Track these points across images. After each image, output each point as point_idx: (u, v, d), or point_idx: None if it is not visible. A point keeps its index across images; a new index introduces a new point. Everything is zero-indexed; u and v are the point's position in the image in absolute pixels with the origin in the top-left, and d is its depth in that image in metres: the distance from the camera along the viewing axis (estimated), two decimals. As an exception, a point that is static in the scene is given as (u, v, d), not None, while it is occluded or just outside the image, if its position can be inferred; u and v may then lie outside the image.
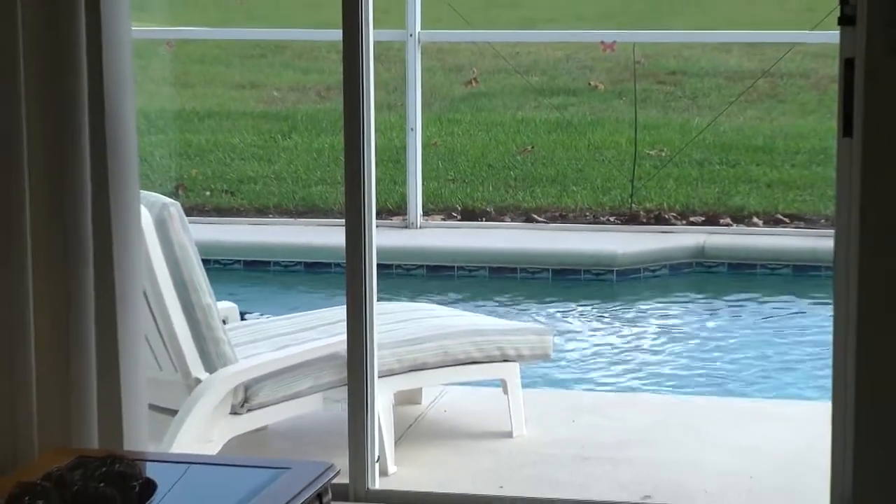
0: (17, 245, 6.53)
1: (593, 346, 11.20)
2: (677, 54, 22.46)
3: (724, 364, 10.48)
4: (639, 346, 11.18)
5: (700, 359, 10.71)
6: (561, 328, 11.23)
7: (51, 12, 6.39)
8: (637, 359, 10.84)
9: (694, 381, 10.13)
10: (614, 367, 10.68)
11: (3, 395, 6.62)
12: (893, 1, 5.81)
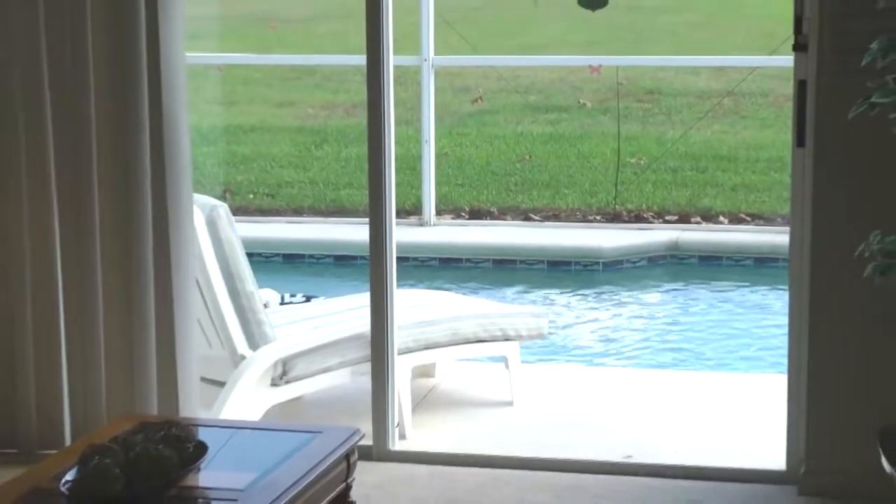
0: (87, 243, 6.57)
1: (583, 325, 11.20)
2: (654, 76, 22.42)
3: (695, 342, 10.46)
4: (622, 326, 11.18)
5: (674, 337, 10.70)
6: (555, 311, 11.23)
7: (117, 41, 6.43)
8: (620, 335, 10.84)
9: (669, 355, 10.12)
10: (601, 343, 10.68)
11: (76, 373, 6.67)
12: (839, 31, 5.83)
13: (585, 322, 11.33)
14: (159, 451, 4.52)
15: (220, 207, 7.30)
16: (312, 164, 18.13)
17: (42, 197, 6.55)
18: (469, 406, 7.65)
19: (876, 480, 5.00)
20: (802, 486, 6.17)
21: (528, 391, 7.81)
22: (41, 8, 6.44)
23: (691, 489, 6.27)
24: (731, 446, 6.75)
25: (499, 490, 6.29)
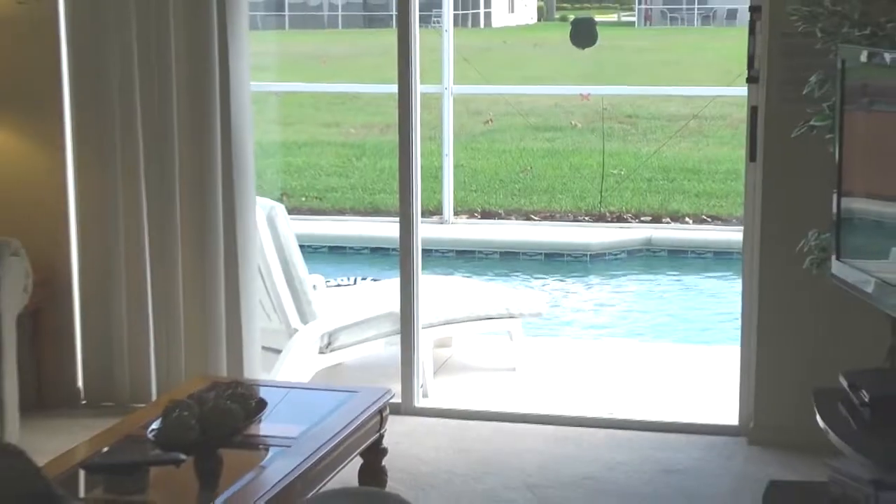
0: (170, 235, 6.57)
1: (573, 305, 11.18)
2: (632, 103, 22.48)
3: (665, 319, 10.45)
4: (605, 305, 11.16)
5: (648, 315, 10.68)
6: (551, 294, 11.21)
7: (195, 71, 6.41)
8: (604, 314, 10.82)
9: (644, 330, 10.10)
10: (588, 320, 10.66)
11: (161, 341, 6.67)
12: (784, 67, 5.80)
13: (575, 303, 11.31)
14: (228, 406, 4.51)
15: (278, 207, 7.29)
16: (353, 173, 18.17)
17: (134, 196, 6.54)
18: (479, 371, 7.64)
19: (811, 433, 4.97)
20: (751, 437, 6.16)
21: (528, 359, 7.78)
22: (134, 44, 6.44)
23: (660, 440, 6.25)
24: (692, 405, 6.73)
25: (502, 438, 6.28)
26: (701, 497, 5.53)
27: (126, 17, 6.44)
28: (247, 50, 6.52)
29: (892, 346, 5.42)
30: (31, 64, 6.62)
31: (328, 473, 4.77)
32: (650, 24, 34.20)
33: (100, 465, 4.45)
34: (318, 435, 4.83)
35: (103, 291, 6.69)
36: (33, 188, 6.70)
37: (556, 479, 5.75)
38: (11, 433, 5.85)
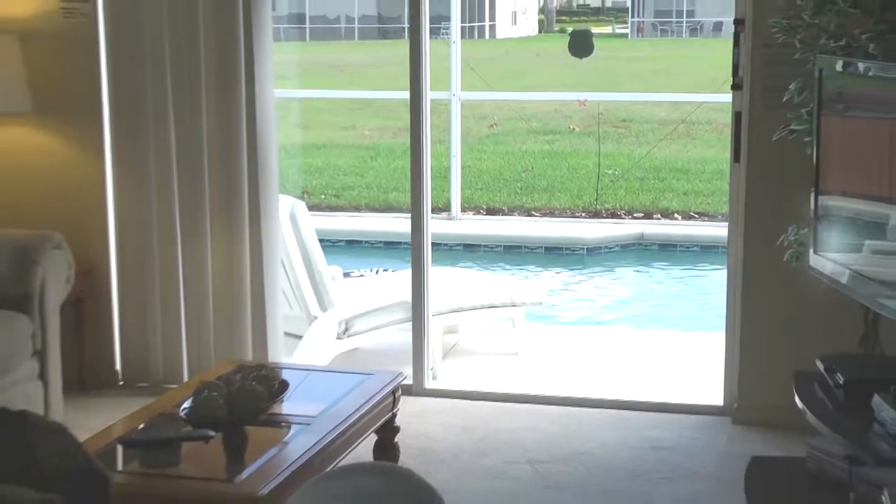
0: (200, 230, 6.57)
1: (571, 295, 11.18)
2: (626, 108, 22.46)
3: (655, 307, 10.45)
4: (600, 295, 11.16)
5: (640, 303, 10.68)
6: (550, 285, 11.21)
7: (224, 80, 6.41)
8: (599, 302, 10.82)
9: (636, 317, 10.10)
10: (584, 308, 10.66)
11: (192, 327, 6.67)
12: (766, 76, 5.80)
13: (573, 293, 11.30)
14: (253, 387, 4.52)
15: (299, 205, 7.30)
16: (368, 173, 18.17)
17: (167, 194, 6.55)
18: (484, 355, 7.64)
19: (791, 413, 4.97)
20: (735, 417, 6.16)
21: (529, 344, 7.78)
22: (167, 54, 6.45)
23: (650, 419, 6.26)
24: (680, 387, 6.73)
25: (505, 418, 6.28)
26: (687, 472, 5.54)
27: (160, 31, 6.45)
28: (270, 60, 6.53)
29: (864, 333, 5.43)
30: (73, 74, 6.63)
31: (345, 449, 4.78)
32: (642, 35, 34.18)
33: (136, 440, 4.46)
34: (336, 414, 4.84)
35: (139, 282, 6.70)
36: (74, 187, 6.71)
37: (553, 454, 5.76)
38: (56, 412, 5.87)
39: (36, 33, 6.58)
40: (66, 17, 6.57)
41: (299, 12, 29.78)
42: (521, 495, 5.29)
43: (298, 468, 4.27)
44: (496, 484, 5.41)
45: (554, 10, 37.36)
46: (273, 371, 4.82)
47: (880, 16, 5.06)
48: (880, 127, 4.75)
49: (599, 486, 5.38)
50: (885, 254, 4.66)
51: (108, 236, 6.73)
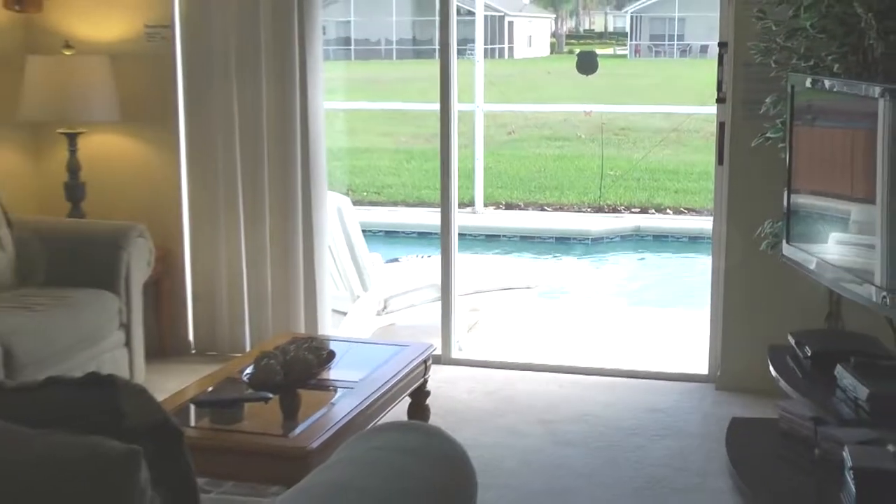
0: (260, 219, 6.58)
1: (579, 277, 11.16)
2: (625, 118, 22.45)
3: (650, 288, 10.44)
4: (602, 278, 11.14)
5: (636, 285, 10.67)
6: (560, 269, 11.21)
7: (281, 93, 6.40)
8: (602, 283, 10.81)
9: (633, 297, 10.08)
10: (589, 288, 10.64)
11: (253, 305, 6.68)
12: (745, 91, 5.78)
13: (579, 276, 11.29)
14: (305, 356, 4.52)
15: (345, 200, 7.32)
16: (404, 173, 18.23)
17: (232, 191, 6.56)
18: (503, 330, 7.63)
19: (766, 380, 4.97)
20: (718, 384, 6.14)
21: (541, 320, 7.79)
22: (233, 71, 6.46)
23: (645, 385, 6.25)
24: (671, 357, 6.72)
25: (521, 383, 6.28)
26: (677, 430, 5.53)
27: (227, 51, 6.46)
28: (321, 76, 6.53)
29: (829, 311, 5.43)
30: (154, 88, 6.65)
31: (383, 410, 4.79)
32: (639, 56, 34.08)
33: (206, 401, 4.48)
34: (376, 379, 4.85)
35: (208, 265, 6.72)
36: (154, 184, 6.73)
37: (562, 415, 5.76)
38: (138, 376, 5.90)
39: (123, 54, 6.60)
40: (149, 39, 6.60)
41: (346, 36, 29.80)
42: (535, 450, 5.29)
43: (343, 425, 4.28)
44: (513, 440, 5.41)
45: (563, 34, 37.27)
46: (322, 342, 4.85)
47: (843, 41, 5.04)
48: (843, 135, 4.74)
49: (602, 442, 5.38)
50: (847, 244, 4.65)
51: (182, 226, 6.74)
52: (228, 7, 6.44)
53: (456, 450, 2.89)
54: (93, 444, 2.01)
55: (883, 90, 4.29)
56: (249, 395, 4.43)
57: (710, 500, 4.71)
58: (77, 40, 6.59)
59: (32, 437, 2.05)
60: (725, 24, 5.88)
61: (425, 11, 29.04)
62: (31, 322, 5.19)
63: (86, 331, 5.49)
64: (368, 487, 2.51)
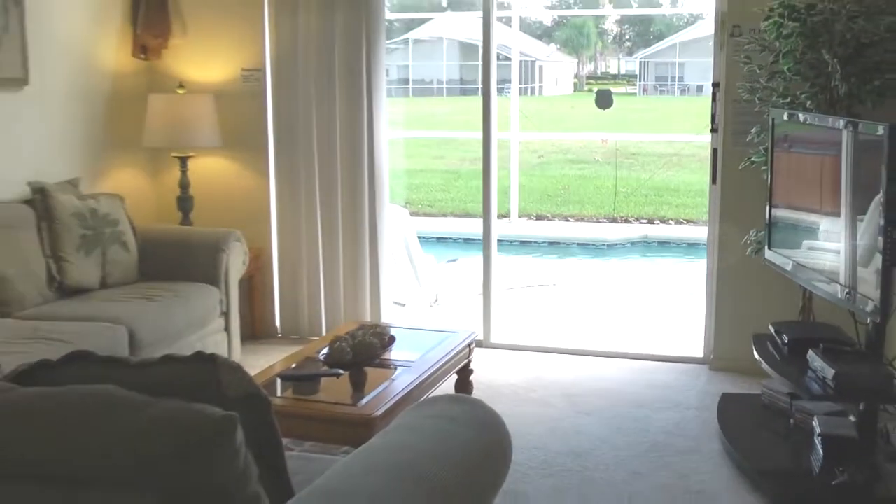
0: (334, 229, 6.60)
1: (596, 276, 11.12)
2: (635, 145, 22.37)
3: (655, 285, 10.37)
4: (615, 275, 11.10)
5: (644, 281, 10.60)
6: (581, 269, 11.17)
7: (353, 123, 6.42)
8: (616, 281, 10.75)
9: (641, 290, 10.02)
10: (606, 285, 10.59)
11: (328, 297, 6.69)
12: (735, 122, 5.75)
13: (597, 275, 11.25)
14: (370, 340, 4.54)
15: (403, 211, 7.35)
16: (452, 189, 18.22)
17: (311, 204, 6.60)
18: (533, 319, 7.63)
19: (751, 363, 4.95)
20: (711, 365, 6.11)
21: (565, 311, 7.78)
22: (313, 106, 6.49)
23: (650, 365, 6.23)
24: (672, 342, 6.69)
25: (547, 363, 6.28)
26: (676, 403, 5.51)
27: (308, 89, 6.50)
28: (385, 109, 6.56)
29: (802, 305, 5.39)
30: (250, 119, 6.69)
31: (434, 385, 4.80)
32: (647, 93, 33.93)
33: (289, 375, 4.51)
34: (428, 360, 4.86)
35: (292, 264, 6.75)
36: (248, 197, 6.77)
37: (583, 390, 5.75)
38: (235, 355, 5.94)
39: (224, 92, 6.65)
40: (245, 80, 6.64)
41: (405, 77, 29.85)
42: (560, 418, 5.29)
43: (401, 397, 4.30)
44: (541, 410, 5.41)
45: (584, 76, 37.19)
46: (384, 328, 4.86)
47: (814, 82, 5.04)
48: (814, 159, 4.73)
49: (614, 412, 5.37)
50: (817, 250, 4.63)
51: (271, 232, 6.78)
52: (309, 54, 6.48)
53: (494, 418, 2.90)
54: (198, 409, 2.04)
55: (846, 122, 4.29)
56: (325, 371, 4.45)
57: (704, 460, 4.69)
58: (188, 82, 6.66)
59: (151, 403, 2.08)
60: (718, 68, 5.85)
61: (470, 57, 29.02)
62: (151, 310, 5.24)
63: (193, 318, 5.53)
64: (421, 447, 2.52)
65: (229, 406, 2.10)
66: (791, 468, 4.40)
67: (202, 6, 6.63)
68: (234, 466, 2.04)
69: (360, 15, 6.36)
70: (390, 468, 2.35)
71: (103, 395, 2.10)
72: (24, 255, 5.30)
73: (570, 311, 7.98)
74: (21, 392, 2.18)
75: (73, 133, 6.20)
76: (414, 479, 2.33)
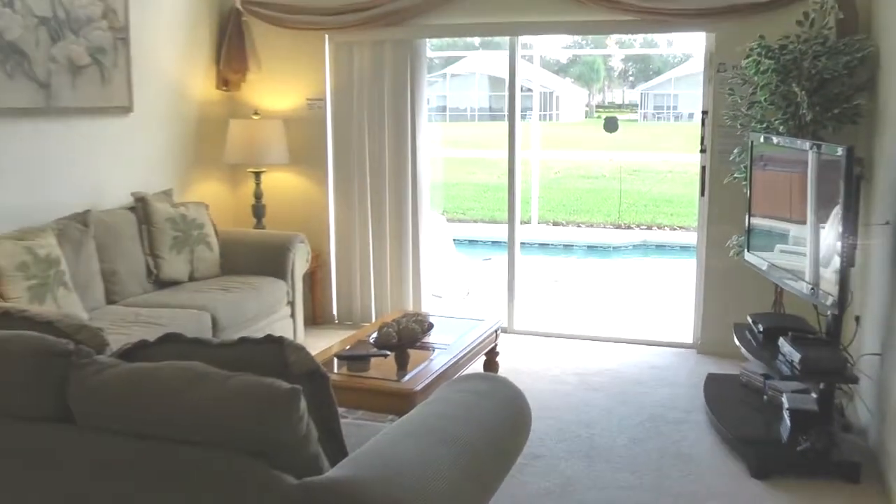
0: (382, 232, 6.57)
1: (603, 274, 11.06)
2: (637, 162, 22.19)
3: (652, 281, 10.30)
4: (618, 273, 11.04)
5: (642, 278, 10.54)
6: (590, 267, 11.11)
7: (398, 145, 6.41)
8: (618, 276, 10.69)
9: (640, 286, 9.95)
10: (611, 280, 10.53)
11: (377, 289, 6.65)
12: (720, 144, 5.72)
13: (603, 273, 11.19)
14: (412, 326, 4.55)
15: (441, 218, 7.33)
16: (482, 200, 18.15)
17: (364, 211, 6.59)
18: (550, 308, 7.60)
19: (732, 348, 4.94)
20: (699, 349, 6.07)
21: (576, 303, 7.75)
22: (366, 128, 6.51)
23: (648, 349, 6.19)
24: (666, 330, 6.66)
25: (562, 347, 6.26)
26: (669, 382, 5.48)
27: (361, 115, 6.51)
28: (425, 132, 6.54)
29: (774, 300, 5.36)
30: (313, 140, 6.70)
31: (466, 364, 4.79)
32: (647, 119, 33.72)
33: (344, 356, 4.52)
34: (462, 343, 4.85)
35: (347, 261, 6.76)
36: (311, 206, 6.79)
37: (591, 369, 5.73)
38: (299, 338, 5.96)
39: (292, 118, 6.68)
40: (310, 108, 6.67)
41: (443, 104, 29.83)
42: (572, 394, 5.28)
43: (439, 374, 4.30)
44: (557, 387, 5.40)
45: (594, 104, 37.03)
46: (424, 316, 4.86)
47: (785, 110, 5.02)
48: (785, 176, 4.70)
49: (617, 388, 5.35)
50: (787, 252, 4.61)
51: (329, 235, 6.78)
52: (363, 87, 6.50)
53: (516, 392, 2.91)
54: (269, 382, 2.07)
55: (811, 145, 4.28)
56: (374, 352, 4.46)
57: (693, 429, 4.67)
58: (262, 109, 6.70)
59: (230, 377, 2.11)
60: (706, 98, 5.82)
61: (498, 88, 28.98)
62: (230, 299, 5.28)
63: (264, 306, 5.56)
64: (455, 416, 2.54)
65: (294, 380, 2.13)
66: (764, 436, 4.38)
67: (274, 47, 6.67)
68: (298, 430, 2.07)
69: (406, 54, 6.38)
70: (428, 433, 2.37)
71: (191, 370, 2.14)
72: (129, 253, 5.36)
73: (581, 304, 7.95)
74: (125, 366, 2.22)
75: (167, 152, 6.26)
76: (448, 442, 2.34)
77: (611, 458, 4.32)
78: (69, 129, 5.32)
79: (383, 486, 2.03)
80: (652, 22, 5.78)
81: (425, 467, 2.16)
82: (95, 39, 5.43)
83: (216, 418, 2.03)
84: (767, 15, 5.52)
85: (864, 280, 4.68)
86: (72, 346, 2.28)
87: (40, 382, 2.24)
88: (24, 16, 4.89)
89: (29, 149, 5.05)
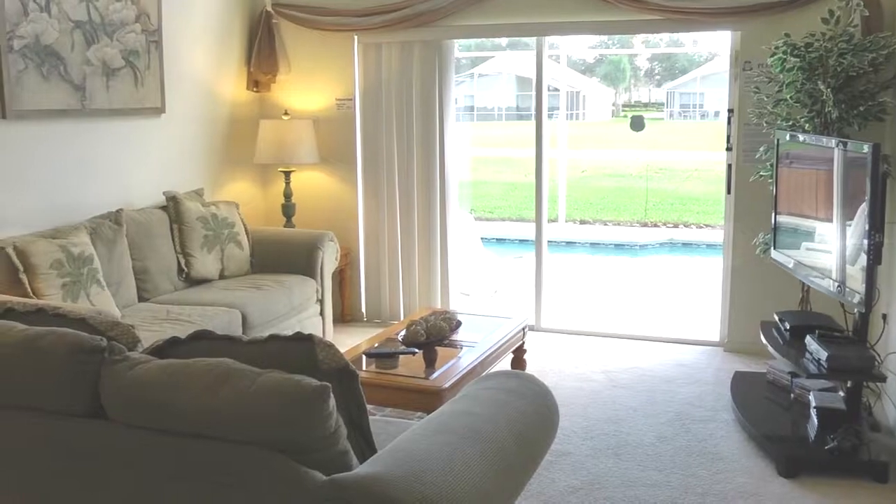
0: (411, 231, 6.57)
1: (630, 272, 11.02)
2: (664, 161, 22.10)
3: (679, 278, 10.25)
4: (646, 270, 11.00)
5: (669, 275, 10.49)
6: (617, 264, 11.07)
7: (427, 144, 6.41)
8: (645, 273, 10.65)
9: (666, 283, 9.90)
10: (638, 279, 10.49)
11: (406, 287, 6.67)
12: (746, 143, 5.68)
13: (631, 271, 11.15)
14: (440, 323, 4.55)
15: (469, 216, 7.33)
16: (510, 198, 18.12)
17: (392, 209, 6.61)
18: (576, 307, 7.58)
19: (758, 346, 4.90)
20: (726, 347, 6.04)
21: (604, 301, 7.72)
22: (394, 129, 6.51)
23: (675, 347, 6.17)
24: (693, 328, 6.62)
25: (589, 344, 6.24)
26: (696, 379, 5.45)
27: (390, 115, 6.53)
28: (453, 132, 6.55)
29: (801, 297, 5.32)
30: (342, 140, 6.72)
31: (494, 361, 4.78)
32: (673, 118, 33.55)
33: (373, 353, 4.52)
34: (489, 340, 4.84)
35: (376, 259, 6.78)
36: (341, 205, 6.81)
37: (618, 367, 5.72)
38: (328, 335, 5.98)
39: (322, 118, 6.70)
40: (339, 108, 6.68)
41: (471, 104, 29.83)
42: (598, 391, 5.26)
43: (467, 372, 4.29)
44: (583, 384, 5.39)
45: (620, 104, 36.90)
46: (453, 314, 4.86)
47: (811, 108, 4.98)
48: (811, 174, 4.65)
49: (645, 386, 5.33)
50: (813, 250, 4.57)
51: (358, 233, 6.80)
52: (392, 86, 6.51)
53: (544, 390, 2.90)
54: (298, 379, 2.07)
55: (837, 142, 4.24)
56: (402, 349, 4.47)
57: (720, 427, 4.64)
58: (292, 109, 6.72)
59: (260, 374, 2.11)
60: (732, 97, 5.78)
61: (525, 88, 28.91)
62: (260, 297, 5.30)
63: (294, 303, 5.57)
64: (482, 413, 2.53)
65: (323, 377, 2.13)
66: (791, 435, 4.34)
67: (304, 48, 6.69)
68: (328, 427, 2.06)
69: (434, 54, 6.38)
70: (456, 430, 2.36)
71: (221, 367, 2.14)
72: (160, 251, 5.40)
73: (608, 302, 7.92)
74: (157, 363, 2.23)
75: (199, 151, 6.30)
76: (476, 439, 2.33)
77: (638, 456, 4.29)
78: (103, 130, 5.37)
79: (411, 482, 2.02)
80: (678, 21, 5.75)
81: (453, 464, 2.15)
82: (129, 43, 5.47)
83: (246, 415, 2.04)
84: (792, 13, 5.47)
85: (891, 278, 4.63)
86: (105, 343, 2.29)
87: (74, 378, 2.25)
88: (60, 20, 4.94)
89: (64, 149, 5.09)
